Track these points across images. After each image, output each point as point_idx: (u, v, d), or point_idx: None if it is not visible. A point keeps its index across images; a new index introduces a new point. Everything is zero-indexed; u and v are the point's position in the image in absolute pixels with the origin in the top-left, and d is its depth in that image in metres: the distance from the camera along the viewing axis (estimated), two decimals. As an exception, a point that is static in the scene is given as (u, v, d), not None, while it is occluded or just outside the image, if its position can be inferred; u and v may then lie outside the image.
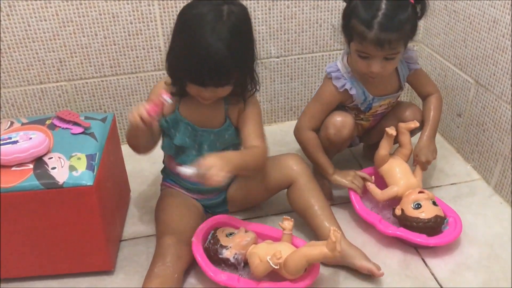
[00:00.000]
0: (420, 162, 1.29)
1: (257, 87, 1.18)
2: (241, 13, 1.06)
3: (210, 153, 1.11)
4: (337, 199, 1.37)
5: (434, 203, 1.22)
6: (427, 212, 1.19)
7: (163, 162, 1.30)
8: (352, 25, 1.15)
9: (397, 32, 1.11)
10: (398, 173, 1.27)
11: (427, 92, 1.36)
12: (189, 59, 1.03)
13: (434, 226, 1.18)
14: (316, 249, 1.02)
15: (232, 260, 1.10)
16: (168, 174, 1.28)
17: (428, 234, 1.18)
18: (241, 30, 1.06)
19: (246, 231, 1.15)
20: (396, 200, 1.26)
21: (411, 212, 1.20)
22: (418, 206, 1.20)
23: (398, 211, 1.22)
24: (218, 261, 1.12)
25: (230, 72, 1.04)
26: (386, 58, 1.16)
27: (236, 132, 1.21)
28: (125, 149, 1.38)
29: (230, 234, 1.14)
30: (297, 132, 1.33)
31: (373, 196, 1.28)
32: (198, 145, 1.19)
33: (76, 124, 1.18)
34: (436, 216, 1.19)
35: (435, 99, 1.35)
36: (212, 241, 1.14)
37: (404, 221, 1.20)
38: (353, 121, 1.29)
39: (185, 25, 1.05)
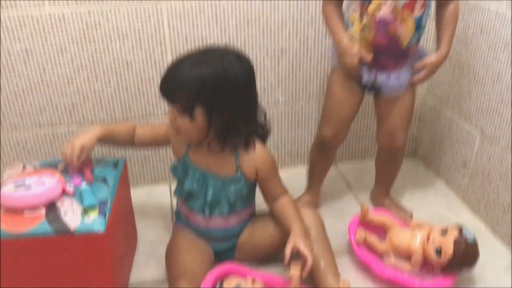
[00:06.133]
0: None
1: (266, 135, 1.21)
2: (241, 71, 1.07)
3: (214, 199, 1.18)
4: (343, 246, 1.37)
5: (443, 232, 1.21)
6: (447, 250, 1.18)
7: (177, 204, 1.32)
8: None
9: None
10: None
11: None
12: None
13: (464, 253, 1.18)
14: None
15: (240, 310, 1.09)
16: (180, 217, 1.30)
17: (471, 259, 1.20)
18: (229, 78, 1.05)
19: (253, 281, 1.14)
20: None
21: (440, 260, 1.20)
22: (439, 251, 1.20)
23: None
24: (226, 311, 1.11)
25: (185, 93, 1.04)
26: None
27: (247, 187, 1.21)
28: (133, 193, 1.40)
29: (238, 285, 1.13)
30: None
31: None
32: (205, 191, 1.20)
33: (81, 174, 1.18)
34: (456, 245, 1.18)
35: (453, 7, 1.23)
36: (219, 292, 1.13)
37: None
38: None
39: None
